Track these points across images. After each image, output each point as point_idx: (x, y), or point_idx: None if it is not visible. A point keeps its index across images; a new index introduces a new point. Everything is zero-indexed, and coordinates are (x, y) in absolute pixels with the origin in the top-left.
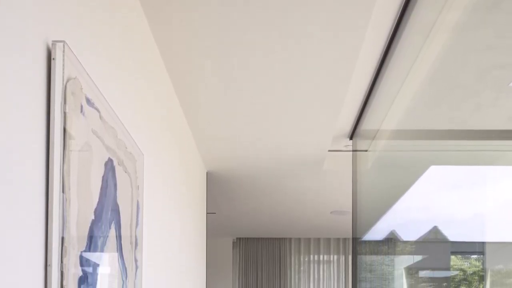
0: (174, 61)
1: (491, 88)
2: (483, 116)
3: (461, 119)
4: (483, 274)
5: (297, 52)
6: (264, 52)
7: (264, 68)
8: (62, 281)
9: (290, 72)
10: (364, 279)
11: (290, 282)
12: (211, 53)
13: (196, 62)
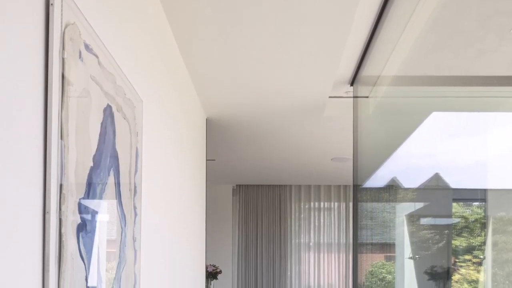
0: (173, 6)
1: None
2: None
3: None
4: (485, 221)
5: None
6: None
7: (265, 12)
8: (60, 228)
9: (291, 16)
10: (365, 226)
11: (290, 229)
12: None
13: (195, 6)
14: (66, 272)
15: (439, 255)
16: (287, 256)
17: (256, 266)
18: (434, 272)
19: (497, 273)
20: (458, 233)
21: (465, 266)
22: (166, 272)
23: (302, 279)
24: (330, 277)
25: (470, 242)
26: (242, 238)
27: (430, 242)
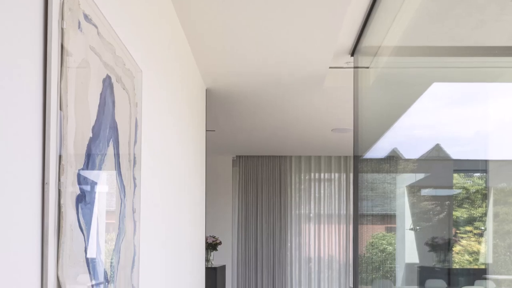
0: None
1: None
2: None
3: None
4: (486, 192)
5: None
6: None
7: None
8: (59, 199)
9: None
10: (366, 198)
11: (290, 200)
12: None
13: None
14: (65, 243)
15: (440, 226)
16: (287, 227)
17: (256, 237)
18: (435, 243)
19: (498, 244)
20: (459, 204)
21: (466, 237)
22: (165, 244)
23: (302, 250)
24: (330, 249)
25: (471, 213)
26: (242, 209)
27: (431, 213)
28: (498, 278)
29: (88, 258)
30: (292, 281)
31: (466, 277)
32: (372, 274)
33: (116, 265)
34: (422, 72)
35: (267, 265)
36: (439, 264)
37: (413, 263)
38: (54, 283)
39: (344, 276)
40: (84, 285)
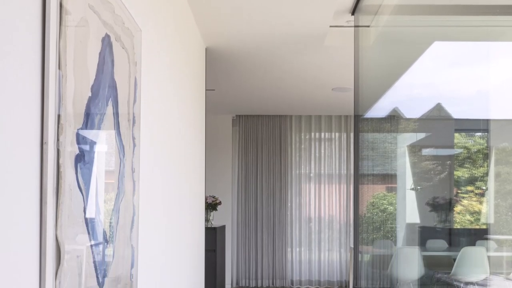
0: None
1: None
2: None
3: None
4: (488, 152)
5: None
6: None
7: None
8: (58, 159)
9: None
10: (366, 157)
11: (290, 159)
12: None
13: None
14: (64, 203)
15: (441, 186)
16: (287, 187)
17: (256, 197)
18: (436, 203)
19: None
20: (460, 164)
21: (467, 197)
22: (165, 204)
23: (303, 210)
24: (330, 208)
25: (472, 173)
26: (242, 169)
27: (432, 173)
28: (500, 238)
29: (87, 218)
30: (292, 241)
31: (467, 237)
32: (373, 234)
33: (115, 225)
34: (423, 30)
35: (267, 225)
36: (440, 224)
37: (414, 223)
38: (52, 243)
39: (344, 236)
40: (83, 245)
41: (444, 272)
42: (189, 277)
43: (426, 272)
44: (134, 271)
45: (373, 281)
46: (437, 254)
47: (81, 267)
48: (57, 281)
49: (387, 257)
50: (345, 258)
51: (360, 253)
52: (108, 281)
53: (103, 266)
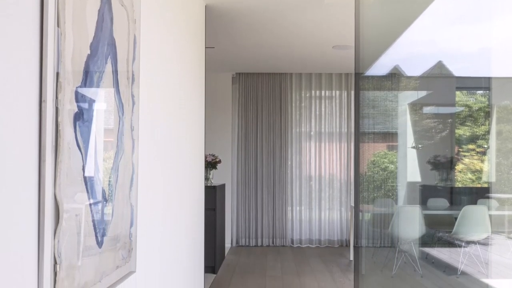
0: None
1: None
2: None
3: None
4: (489, 110)
5: None
6: None
7: None
8: (57, 117)
9: None
10: (367, 115)
11: (291, 118)
12: None
13: None
14: (63, 161)
15: (442, 144)
16: (287, 146)
17: (256, 155)
18: (437, 161)
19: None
20: (461, 122)
21: (468, 156)
22: (165, 162)
23: (303, 169)
24: (331, 167)
25: (473, 131)
26: (242, 127)
27: (433, 131)
28: (501, 196)
29: (86, 176)
30: (293, 200)
31: (468, 196)
32: (374, 192)
33: (114, 183)
34: None
35: (267, 183)
36: (441, 182)
37: (415, 182)
38: (51, 202)
39: (345, 195)
40: (82, 204)
41: (445, 231)
42: (189, 236)
43: (427, 231)
44: (133, 230)
45: (374, 240)
46: (438, 213)
47: (80, 226)
48: (55, 240)
49: (388, 216)
50: (346, 217)
51: (361, 212)
52: (107, 240)
53: (102, 225)
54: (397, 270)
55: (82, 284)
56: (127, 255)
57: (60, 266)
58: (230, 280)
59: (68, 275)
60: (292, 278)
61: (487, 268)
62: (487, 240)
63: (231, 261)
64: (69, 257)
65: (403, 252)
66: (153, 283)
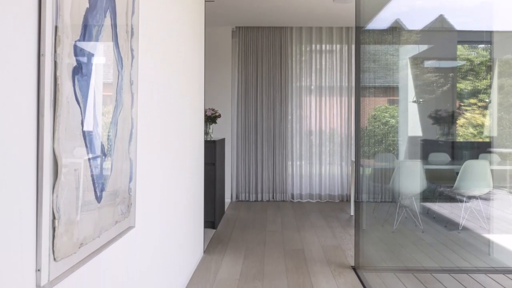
0: None
1: None
2: None
3: None
4: (491, 64)
5: None
6: None
7: None
8: (55, 71)
9: None
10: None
11: (291, 72)
12: None
13: None
14: (62, 116)
15: (444, 98)
16: (287, 100)
17: (256, 110)
18: (439, 116)
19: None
20: (463, 76)
21: (470, 110)
22: (164, 116)
23: (303, 123)
24: (331, 121)
25: (475, 86)
26: (242, 81)
27: (434, 85)
28: (503, 151)
29: (84, 131)
30: (293, 155)
31: (470, 151)
32: (374, 147)
33: (114, 138)
34: None
35: (267, 138)
36: (442, 137)
37: (416, 136)
38: (50, 156)
39: (345, 150)
40: (81, 158)
41: (447, 186)
42: (189, 191)
43: (428, 186)
44: (132, 185)
45: (375, 195)
46: (439, 167)
47: (78, 181)
48: (54, 195)
49: (388, 170)
50: (346, 171)
51: (362, 167)
52: (106, 195)
53: (101, 179)
54: (398, 225)
55: (81, 239)
56: (126, 210)
57: (59, 221)
58: (230, 235)
59: (67, 230)
60: (292, 233)
61: (488, 223)
62: (489, 195)
63: (231, 216)
64: (67, 212)
65: (404, 207)
66: (153, 238)
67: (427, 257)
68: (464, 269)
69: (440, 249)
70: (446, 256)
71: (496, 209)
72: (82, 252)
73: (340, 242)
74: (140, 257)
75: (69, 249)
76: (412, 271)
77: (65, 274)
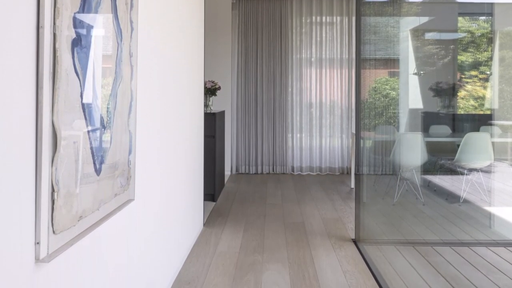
0: None
1: None
2: None
3: None
4: (492, 36)
5: None
6: None
7: None
8: (54, 43)
9: None
10: (368, 41)
11: (291, 44)
12: None
13: None
14: (61, 88)
15: (444, 70)
16: (288, 72)
17: (256, 82)
18: (439, 88)
19: (504, 89)
20: (464, 48)
21: (471, 82)
22: (163, 89)
23: (303, 95)
24: (332, 94)
25: (476, 58)
26: (242, 54)
27: (435, 57)
28: (504, 123)
29: (84, 103)
30: (293, 127)
31: (471, 123)
32: (375, 120)
33: (113, 110)
34: None
35: (267, 110)
36: (443, 109)
37: (416, 109)
38: (49, 129)
39: (346, 122)
40: (80, 131)
41: (448, 158)
42: (189, 164)
43: (429, 159)
44: (132, 158)
45: (375, 168)
46: (440, 140)
47: (78, 154)
48: (53, 167)
49: (389, 143)
50: (347, 144)
51: (362, 139)
52: (105, 167)
53: (100, 152)
54: (398, 198)
55: (80, 212)
56: (126, 183)
57: (58, 194)
58: (230, 208)
59: (66, 203)
60: (292, 206)
61: (489, 196)
62: (490, 168)
63: (231, 189)
64: (67, 184)
65: (405, 180)
66: (152, 211)
67: (427, 230)
68: (465, 242)
69: (441, 222)
70: (446, 229)
71: (497, 182)
72: (82, 225)
73: (341, 215)
74: (139, 230)
75: (68, 222)
76: (412, 244)
77: (64, 247)
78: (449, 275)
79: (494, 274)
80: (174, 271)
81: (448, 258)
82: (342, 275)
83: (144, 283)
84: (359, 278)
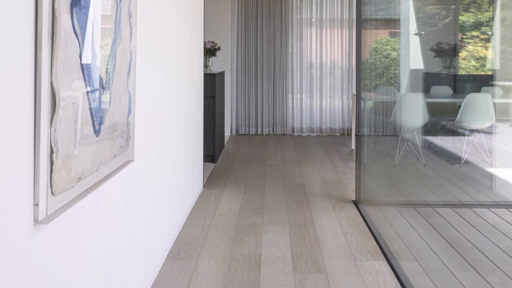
0: None
1: None
2: None
3: None
4: None
5: None
6: None
7: None
8: (53, 3)
9: None
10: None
11: (291, 4)
12: None
13: None
14: (60, 49)
15: (446, 31)
16: (288, 33)
17: (256, 43)
18: (441, 48)
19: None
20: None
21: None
22: (162, 49)
23: (304, 56)
24: (332, 54)
25: (477, 18)
26: (242, 13)
27: (436, 17)
28: (505, 84)
29: (83, 64)
30: (293, 88)
31: (472, 84)
32: (376, 80)
33: (112, 71)
34: None
35: (267, 71)
36: (444, 70)
37: (417, 69)
38: (47, 90)
39: (346, 83)
40: (79, 91)
41: (449, 119)
42: (188, 125)
43: (430, 119)
44: (131, 118)
45: (376, 129)
46: (441, 101)
47: (76, 115)
48: (52, 128)
49: (390, 104)
50: (347, 105)
51: (363, 100)
52: (104, 128)
53: (100, 113)
54: (399, 159)
55: (79, 173)
56: (125, 144)
57: (57, 155)
58: (230, 169)
59: (65, 164)
60: (292, 167)
61: (491, 157)
62: (491, 129)
63: (231, 150)
64: (65, 146)
65: (406, 141)
66: (152, 172)
67: (428, 191)
68: (466, 203)
69: (442, 183)
70: (448, 190)
71: (498, 143)
72: (80, 186)
73: (341, 176)
74: (139, 191)
75: (67, 183)
76: (413, 205)
77: (63, 208)
78: (450, 237)
79: (495, 236)
80: (173, 233)
81: (449, 220)
82: (343, 237)
83: (144, 244)
84: (360, 239)
